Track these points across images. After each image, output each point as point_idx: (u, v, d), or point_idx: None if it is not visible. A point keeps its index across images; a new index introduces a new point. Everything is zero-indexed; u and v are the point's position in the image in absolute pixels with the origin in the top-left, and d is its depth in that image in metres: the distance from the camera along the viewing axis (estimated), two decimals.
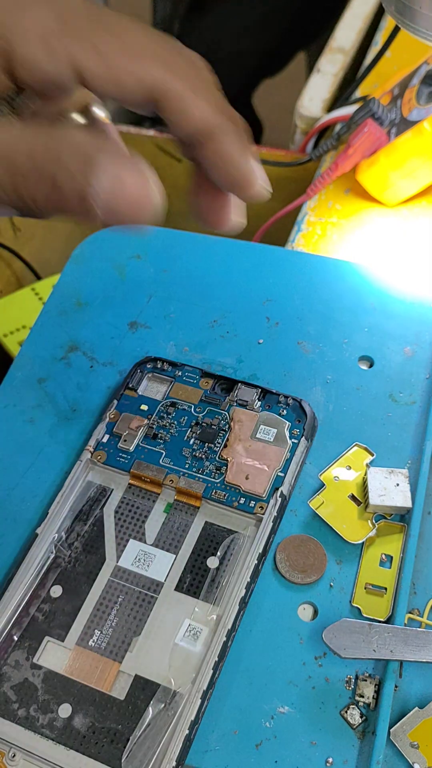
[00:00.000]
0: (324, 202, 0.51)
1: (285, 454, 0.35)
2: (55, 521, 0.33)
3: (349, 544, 0.33)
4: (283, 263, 0.43)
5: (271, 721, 0.30)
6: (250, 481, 0.34)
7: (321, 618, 0.32)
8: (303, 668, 0.31)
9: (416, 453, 0.36)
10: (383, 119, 0.49)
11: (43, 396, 0.38)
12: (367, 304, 0.41)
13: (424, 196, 0.50)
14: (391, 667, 0.30)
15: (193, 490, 0.34)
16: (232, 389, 0.37)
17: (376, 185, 0.49)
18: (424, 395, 0.38)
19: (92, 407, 0.38)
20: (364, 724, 0.30)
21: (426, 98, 0.48)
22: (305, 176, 0.62)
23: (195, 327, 0.41)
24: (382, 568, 0.33)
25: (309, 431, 0.36)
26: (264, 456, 0.35)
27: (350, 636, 0.30)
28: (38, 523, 0.34)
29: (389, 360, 0.39)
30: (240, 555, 0.33)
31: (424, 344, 0.39)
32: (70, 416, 0.38)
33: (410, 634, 0.30)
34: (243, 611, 0.31)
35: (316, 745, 0.29)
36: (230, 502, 0.34)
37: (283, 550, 0.33)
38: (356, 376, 0.39)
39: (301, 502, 0.35)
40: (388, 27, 0.67)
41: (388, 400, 0.38)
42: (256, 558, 0.32)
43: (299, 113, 0.62)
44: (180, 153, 0.29)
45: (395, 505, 0.33)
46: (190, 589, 0.32)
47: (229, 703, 0.30)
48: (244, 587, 0.31)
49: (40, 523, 0.34)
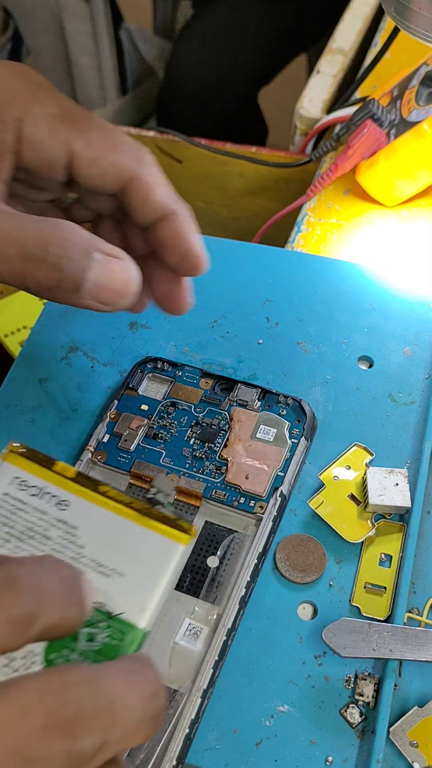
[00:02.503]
0: (324, 203, 0.52)
1: (285, 454, 0.35)
2: None
3: (348, 544, 0.34)
4: (282, 264, 0.43)
5: (271, 720, 0.30)
6: (250, 480, 0.34)
7: (321, 617, 0.32)
8: (303, 667, 0.31)
9: (415, 453, 0.36)
10: (383, 120, 0.49)
11: (44, 396, 0.38)
12: (366, 304, 0.41)
13: (423, 197, 0.50)
14: (391, 666, 0.30)
15: (194, 490, 0.34)
16: (232, 389, 0.37)
17: (375, 186, 0.49)
18: (424, 395, 0.38)
19: (93, 407, 0.38)
20: (363, 723, 0.30)
21: (425, 99, 0.48)
22: (305, 177, 0.62)
23: (195, 327, 0.41)
24: (381, 567, 0.33)
25: (309, 431, 0.36)
26: (264, 456, 0.35)
27: (350, 635, 0.30)
28: None
29: (389, 360, 0.39)
30: (240, 554, 0.33)
31: (424, 344, 0.40)
32: (71, 416, 0.38)
33: (409, 633, 0.30)
34: (243, 610, 0.31)
35: (316, 743, 0.29)
36: (230, 502, 0.34)
37: (283, 549, 0.33)
38: (356, 376, 0.39)
39: (301, 502, 0.35)
40: (387, 28, 0.67)
41: (387, 400, 0.38)
42: (256, 557, 0.32)
43: (299, 114, 0.62)
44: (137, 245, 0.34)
45: (394, 505, 0.33)
46: (191, 589, 0.32)
47: (230, 702, 0.30)
48: (245, 586, 0.31)
49: None
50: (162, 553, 0.27)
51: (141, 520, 0.28)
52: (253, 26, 1.04)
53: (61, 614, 0.21)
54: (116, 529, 0.28)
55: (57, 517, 0.28)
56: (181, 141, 0.67)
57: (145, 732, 0.20)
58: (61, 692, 0.18)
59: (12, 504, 0.28)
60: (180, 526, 0.28)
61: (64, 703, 0.18)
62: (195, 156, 0.68)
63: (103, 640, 0.25)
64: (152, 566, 0.27)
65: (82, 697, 0.18)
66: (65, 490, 0.29)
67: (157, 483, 0.32)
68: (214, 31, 1.06)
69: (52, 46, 1.12)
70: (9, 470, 0.29)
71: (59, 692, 0.18)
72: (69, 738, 0.18)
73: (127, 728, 0.19)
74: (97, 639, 0.26)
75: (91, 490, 0.29)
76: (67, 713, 0.18)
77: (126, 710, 0.19)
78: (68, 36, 1.10)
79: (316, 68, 0.66)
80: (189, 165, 0.69)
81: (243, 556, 0.32)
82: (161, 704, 0.21)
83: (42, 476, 0.29)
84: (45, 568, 0.21)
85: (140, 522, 0.28)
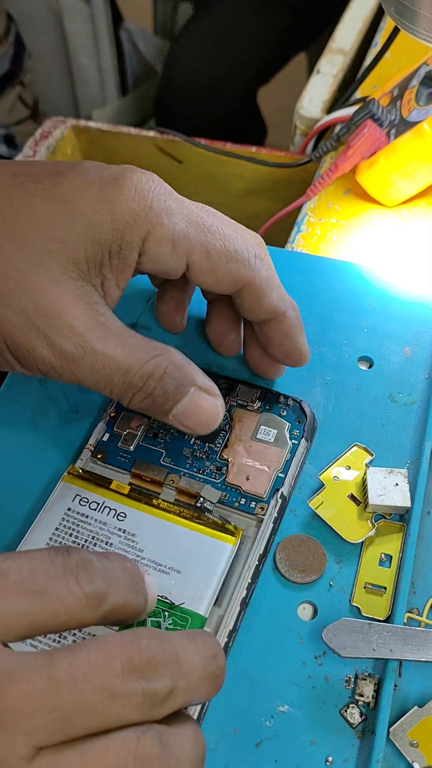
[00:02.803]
0: (324, 203, 0.52)
1: (285, 455, 0.35)
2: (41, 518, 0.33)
3: (348, 544, 0.34)
4: (282, 264, 0.43)
5: (271, 720, 0.30)
6: (250, 481, 0.34)
7: (321, 617, 0.32)
8: (303, 667, 0.31)
9: (415, 453, 0.36)
10: (383, 120, 0.49)
11: (44, 397, 0.38)
12: (366, 304, 0.41)
13: (423, 197, 0.50)
14: (391, 666, 0.30)
15: (194, 490, 0.34)
16: (232, 389, 0.37)
17: (375, 186, 0.49)
18: (424, 395, 0.38)
19: (94, 409, 0.38)
20: (363, 723, 0.30)
21: (425, 99, 0.48)
22: (305, 177, 0.62)
23: (195, 328, 0.41)
24: (381, 567, 0.33)
25: (309, 432, 0.36)
26: (264, 457, 0.35)
27: (350, 635, 0.30)
28: None
29: (389, 360, 0.39)
30: (240, 556, 0.33)
31: (424, 345, 0.40)
32: (72, 417, 0.38)
33: (409, 633, 0.30)
34: (244, 612, 0.31)
35: (316, 744, 0.29)
36: (231, 503, 0.34)
37: (283, 549, 0.33)
38: (356, 377, 0.39)
39: (301, 502, 0.35)
40: (387, 28, 0.67)
41: (387, 400, 0.38)
42: (257, 559, 0.32)
43: (299, 114, 0.62)
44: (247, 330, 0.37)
45: (394, 505, 0.33)
46: None
47: (230, 702, 0.30)
48: (245, 588, 0.31)
49: None
50: (214, 553, 0.32)
51: (193, 526, 0.32)
52: (252, 26, 1.04)
53: (125, 598, 0.24)
54: (171, 534, 0.32)
55: (116, 526, 0.32)
56: (181, 141, 0.67)
57: (207, 689, 0.24)
58: (134, 644, 0.22)
59: (75, 517, 0.33)
60: (227, 529, 0.32)
61: (138, 651, 0.22)
62: (195, 156, 0.68)
63: (167, 627, 0.30)
64: (206, 564, 0.31)
65: (152, 649, 0.22)
66: (122, 504, 0.33)
67: (204, 493, 0.34)
68: (212, 30, 1.06)
69: (52, 46, 1.12)
70: (71, 489, 0.33)
71: (132, 644, 0.22)
72: (143, 679, 0.22)
73: (191, 681, 0.23)
74: (162, 627, 0.30)
75: (144, 503, 0.33)
76: (141, 660, 0.22)
77: (189, 665, 0.23)
78: (68, 36, 1.10)
79: (316, 68, 0.66)
80: (189, 165, 0.69)
81: (244, 557, 0.32)
82: (221, 666, 0.24)
83: (100, 493, 0.33)
84: (111, 559, 0.25)
85: (192, 527, 0.32)
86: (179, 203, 0.32)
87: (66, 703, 0.21)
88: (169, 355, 0.31)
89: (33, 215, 0.30)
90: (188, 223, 0.31)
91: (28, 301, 0.30)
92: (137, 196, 0.30)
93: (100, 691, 0.21)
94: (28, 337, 0.30)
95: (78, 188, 0.31)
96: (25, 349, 0.30)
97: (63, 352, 0.30)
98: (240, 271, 0.32)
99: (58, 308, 0.30)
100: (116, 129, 0.69)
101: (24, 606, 0.22)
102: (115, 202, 0.30)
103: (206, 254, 0.31)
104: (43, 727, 0.21)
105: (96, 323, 0.30)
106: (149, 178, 0.31)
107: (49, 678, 0.21)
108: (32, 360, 0.31)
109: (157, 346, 0.32)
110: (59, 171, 0.31)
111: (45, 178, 0.31)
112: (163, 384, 0.31)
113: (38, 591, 0.22)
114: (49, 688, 0.21)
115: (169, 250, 0.31)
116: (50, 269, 0.30)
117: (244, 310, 0.34)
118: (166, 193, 0.31)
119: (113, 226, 0.30)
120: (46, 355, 0.30)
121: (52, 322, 0.30)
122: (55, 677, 0.21)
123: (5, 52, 0.94)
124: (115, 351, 0.30)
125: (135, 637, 0.23)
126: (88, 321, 0.30)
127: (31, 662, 0.21)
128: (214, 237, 0.32)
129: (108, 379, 0.31)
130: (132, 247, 0.31)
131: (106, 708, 0.21)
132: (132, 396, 0.31)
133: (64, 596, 0.23)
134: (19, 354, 0.31)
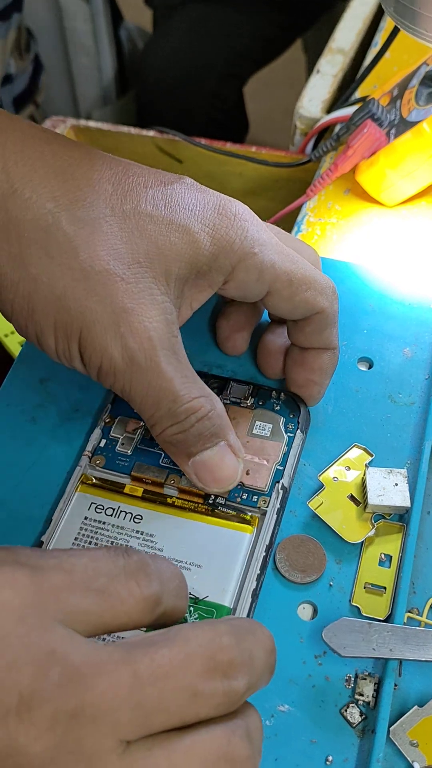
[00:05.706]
0: (323, 203, 0.52)
1: (282, 448, 0.35)
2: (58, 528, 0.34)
3: (348, 544, 0.34)
4: None
5: (272, 719, 0.30)
6: (251, 476, 0.34)
7: (321, 617, 0.32)
8: (303, 667, 0.31)
9: (415, 453, 0.36)
10: (382, 120, 0.49)
11: (45, 396, 0.38)
12: (366, 305, 0.41)
13: (423, 197, 0.50)
14: (391, 666, 0.30)
15: (196, 489, 0.34)
16: (224, 388, 0.37)
17: (375, 186, 0.50)
18: (423, 396, 0.38)
19: (94, 407, 0.38)
20: (363, 723, 0.30)
21: (425, 99, 0.48)
22: (305, 177, 0.62)
23: (195, 329, 0.41)
24: (381, 567, 0.33)
25: (303, 424, 0.36)
26: (262, 451, 0.35)
27: (350, 635, 0.30)
28: (43, 529, 0.34)
29: (388, 361, 0.39)
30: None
31: (424, 345, 0.40)
32: (72, 416, 0.38)
33: (409, 632, 0.30)
34: (255, 604, 0.31)
35: (316, 743, 0.29)
36: (233, 499, 0.34)
37: (283, 549, 0.33)
38: (355, 378, 0.39)
39: (301, 503, 0.35)
40: (387, 28, 0.67)
41: (387, 401, 0.38)
42: (263, 550, 0.32)
43: (299, 114, 0.62)
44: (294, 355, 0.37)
45: (394, 505, 0.33)
46: None
47: None
48: (255, 579, 0.32)
49: (44, 526, 0.34)
50: (232, 544, 0.32)
51: (208, 519, 0.33)
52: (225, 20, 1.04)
53: (175, 603, 0.25)
54: (188, 530, 0.33)
55: (134, 529, 0.33)
56: (181, 141, 0.67)
57: (267, 679, 0.25)
58: (215, 642, 0.23)
59: (94, 525, 0.33)
60: (243, 519, 0.33)
61: (219, 650, 0.23)
62: (195, 156, 0.68)
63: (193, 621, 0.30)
64: (225, 555, 0.32)
65: (232, 649, 0.23)
66: (137, 507, 0.34)
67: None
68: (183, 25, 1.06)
69: (52, 46, 1.12)
70: (86, 498, 0.34)
71: (214, 642, 0.23)
72: (226, 679, 0.22)
73: (260, 676, 0.24)
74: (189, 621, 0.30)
75: (158, 504, 0.34)
76: (222, 660, 0.23)
77: (258, 660, 0.24)
78: (68, 36, 1.10)
79: (316, 68, 0.66)
80: (189, 165, 0.69)
81: (251, 550, 0.33)
82: (275, 658, 0.25)
83: (114, 499, 0.34)
84: (161, 563, 0.25)
85: (208, 521, 0.33)
86: (269, 235, 0.32)
87: (149, 699, 0.21)
88: (215, 400, 0.31)
89: (143, 219, 0.30)
90: (276, 253, 0.32)
91: (120, 300, 0.29)
92: (236, 225, 0.31)
93: (183, 690, 0.22)
94: (107, 333, 0.29)
95: (187, 205, 0.31)
96: (99, 345, 0.30)
97: (132, 359, 0.30)
98: (316, 298, 0.33)
99: (144, 316, 0.30)
100: (116, 129, 0.70)
101: (88, 604, 0.22)
102: (216, 227, 0.31)
103: (289, 283, 0.32)
104: (128, 722, 0.21)
105: (168, 342, 0.30)
106: (246, 209, 0.33)
107: (133, 673, 0.21)
108: (99, 357, 0.30)
109: (207, 388, 0.32)
110: (167, 182, 0.32)
111: (156, 186, 0.32)
112: (201, 425, 0.31)
113: (102, 590, 0.23)
114: (134, 684, 0.21)
115: (256, 278, 0.32)
116: (144, 276, 0.30)
117: (303, 333, 0.35)
118: (260, 225, 0.32)
119: (211, 249, 0.31)
120: (117, 356, 0.30)
121: (134, 327, 0.29)
122: (138, 673, 0.21)
123: (24, 68, 0.93)
124: (175, 375, 0.30)
125: (216, 634, 0.23)
126: (162, 337, 0.30)
127: (113, 655, 0.22)
128: (296, 267, 0.33)
129: (157, 401, 0.30)
130: (221, 272, 0.32)
131: (187, 706, 0.22)
132: (169, 426, 0.31)
133: (125, 598, 0.23)
134: (89, 348, 0.30)
